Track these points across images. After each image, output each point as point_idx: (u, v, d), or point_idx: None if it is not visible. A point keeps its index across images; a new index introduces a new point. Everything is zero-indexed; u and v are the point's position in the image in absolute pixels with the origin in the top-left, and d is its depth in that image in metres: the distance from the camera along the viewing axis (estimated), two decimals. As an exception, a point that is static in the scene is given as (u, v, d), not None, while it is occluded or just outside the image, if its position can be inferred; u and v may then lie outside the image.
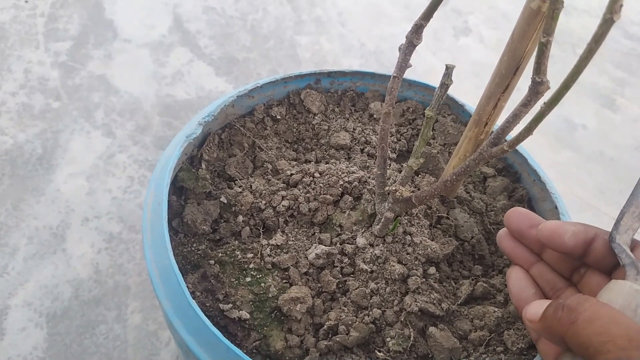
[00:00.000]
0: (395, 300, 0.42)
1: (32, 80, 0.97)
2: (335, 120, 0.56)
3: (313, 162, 0.53)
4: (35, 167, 0.85)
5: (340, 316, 0.41)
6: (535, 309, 0.29)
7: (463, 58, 1.25)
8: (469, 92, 0.77)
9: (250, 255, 0.44)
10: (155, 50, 1.08)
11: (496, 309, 0.42)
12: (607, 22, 0.28)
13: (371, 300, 0.42)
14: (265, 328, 0.41)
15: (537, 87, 0.34)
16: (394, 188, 0.41)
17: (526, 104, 0.35)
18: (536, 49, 0.32)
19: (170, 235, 0.40)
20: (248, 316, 0.40)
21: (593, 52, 0.29)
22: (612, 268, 0.33)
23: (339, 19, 1.28)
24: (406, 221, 0.45)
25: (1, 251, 0.75)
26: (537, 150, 0.57)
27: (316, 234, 0.47)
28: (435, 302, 0.42)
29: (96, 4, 1.16)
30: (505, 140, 0.37)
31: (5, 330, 0.68)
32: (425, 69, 1.16)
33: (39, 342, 0.68)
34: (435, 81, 0.60)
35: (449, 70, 0.37)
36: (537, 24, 0.35)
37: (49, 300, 0.72)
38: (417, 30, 0.39)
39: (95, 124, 0.92)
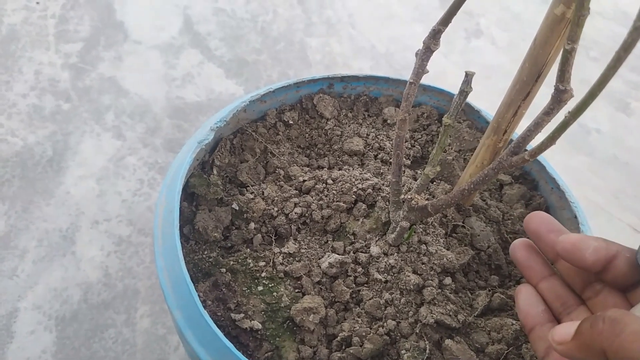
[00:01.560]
0: (411, 312, 0.41)
1: (43, 82, 0.97)
2: (349, 126, 0.55)
3: (326, 168, 0.52)
4: (45, 169, 0.85)
5: (354, 327, 0.40)
6: (565, 329, 0.28)
7: (475, 60, 1.24)
8: (480, 95, 0.76)
9: (262, 263, 0.43)
10: (165, 52, 1.08)
11: (514, 322, 0.40)
12: (638, 30, 0.27)
13: (385, 311, 0.41)
14: (278, 339, 0.40)
15: (561, 95, 0.33)
16: (409, 196, 0.40)
17: (549, 113, 0.34)
18: (560, 56, 0.31)
19: (181, 243, 0.40)
20: (260, 326, 0.40)
21: (622, 60, 0.28)
22: (629, 287, 0.32)
23: (349, 21, 1.27)
24: (421, 230, 0.44)
25: (11, 253, 0.75)
26: (550, 155, 0.56)
27: (329, 242, 0.46)
28: (451, 313, 0.41)
29: (107, 5, 1.15)
30: (526, 150, 0.36)
31: (14, 334, 0.68)
32: (436, 71, 1.14)
33: (47, 345, 0.68)
34: (446, 84, 0.59)
35: (468, 77, 0.36)
36: (561, 30, 0.34)
37: (58, 304, 0.71)
38: (435, 36, 0.39)
39: (106, 126, 0.92)
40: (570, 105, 0.32)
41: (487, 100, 0.66)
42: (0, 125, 0.89)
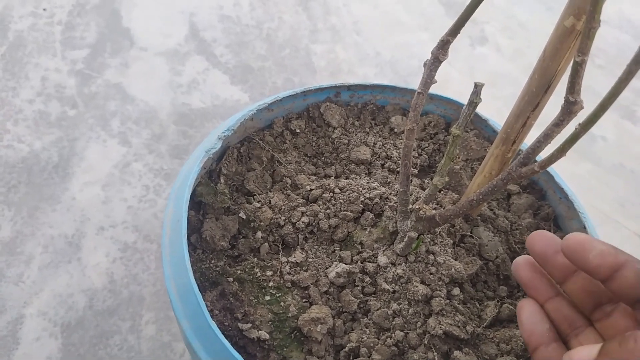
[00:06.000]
0: (419, 322, 0.41)
1: (49, 88, 0.98)
2: (355, 134, 0.55)
3: (333, 177, 0.52)
4: (51, 175, 0.85)
5: (362, 338, 0.40)
6: (586, 351, 0.27)
7: (479, 67, 1.24)
8: (485, 103, 0.76)
9: (269, 272, 0.43)
10: (171, 58, 1.09)
11: (523, 333, 0.40)
12: (649, 43, 0.27)
13: (393, 322, 0.41)
14: (285, 349, 0.40)
15: (571, 106, 0.33)
16: (417, 206, 0.40)
17: (558, 124, 0.34)
18: (570, 68, 0.31)
19: (188, 252, 0.40)
20: (267, 336, 0.39)
21: (633, 73, 0.28)
22: (636, 301, 0.30)
23: (354, 28, 1.28)
24: (429, 240, 0.44)
25: (16, 259, 0.75)
26: (555, 163, 0.56)
27: (336, 251, 0.46)
28: (459, 324, 0.40)
29: (113, 12, 1.16)
30: (535, 161, 0.35)
31: (20, 340, 0.68)
32: (441, 79, 1.15)
33: (53, 352, 0.68)
34: (450, 92, 0.59)
35: (478, 88, 0.36)
36: (571, 42, 0.34)
37: (64, 310, 0.71)
38: (443, 46, 0.39)
39: (112, 132, 0.93)
40: (580, 116, 0.32)
41: (493, 107, 0.66)
42: (7, 131, 0.89)
